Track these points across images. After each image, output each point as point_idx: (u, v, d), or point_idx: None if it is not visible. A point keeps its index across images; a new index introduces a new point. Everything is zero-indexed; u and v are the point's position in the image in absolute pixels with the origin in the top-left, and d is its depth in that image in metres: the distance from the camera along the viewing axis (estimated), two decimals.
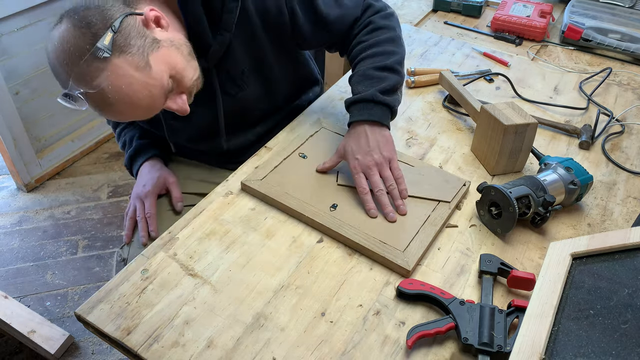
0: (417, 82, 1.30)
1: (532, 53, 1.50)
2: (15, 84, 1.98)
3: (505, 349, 0.70)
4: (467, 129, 1.17)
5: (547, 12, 1.59)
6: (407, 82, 1.30)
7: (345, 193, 0.95)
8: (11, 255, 1.92)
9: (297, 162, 1.01)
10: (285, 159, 1.02)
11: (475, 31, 1.60)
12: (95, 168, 2.32)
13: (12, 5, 1.86)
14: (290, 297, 0.79)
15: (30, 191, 2.19)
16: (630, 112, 1.25)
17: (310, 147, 1.05)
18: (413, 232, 0.88)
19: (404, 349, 0.73)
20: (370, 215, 0.90)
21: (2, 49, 1.90)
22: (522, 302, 0.75)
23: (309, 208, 0.91)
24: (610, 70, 1.35)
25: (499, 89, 1.31)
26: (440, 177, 1.00)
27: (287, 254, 0.86)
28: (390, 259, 0.83)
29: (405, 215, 0.91)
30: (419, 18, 1.67)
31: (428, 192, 0.96)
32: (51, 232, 2.01)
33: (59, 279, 1.84)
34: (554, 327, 0.68)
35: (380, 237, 0.86)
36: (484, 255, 0.83)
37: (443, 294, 0.78)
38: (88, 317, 0.75)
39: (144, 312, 0.76)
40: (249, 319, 0.76)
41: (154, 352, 0.71)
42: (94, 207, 2.13)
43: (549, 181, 0.92)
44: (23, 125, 2.05)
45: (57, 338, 1.58)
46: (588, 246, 0.77)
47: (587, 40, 1.50)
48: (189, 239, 0.88)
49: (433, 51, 1.46)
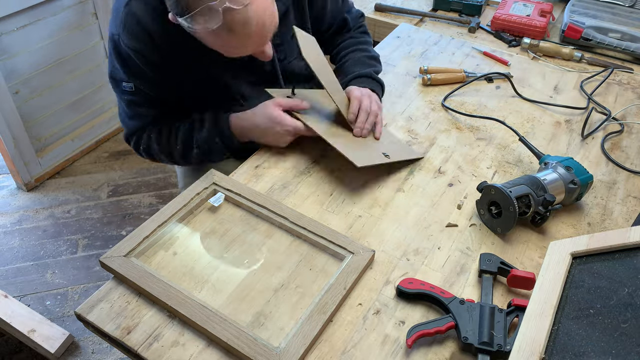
0: (433, 79, 1.31)
1: (532, 52, 1.50)
2: (15, 83, 1.98)
3: (505, 348, 0.70)
4: (467, 128, 1.17)
5: (547, 11, 1.59)
6: (423, 79, 1.31)
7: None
8: (11, 254, 1.92)
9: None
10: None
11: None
12: (95, 167, 2.32)
13: (12, 5, 1.85)
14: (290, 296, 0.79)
15: (30, 190, 2.19)
16: (630, 112, 1.25)
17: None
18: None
19: (403, 348, 0.73)
20: (355, 134, 1.06)
21: (2, 48, 1.90)
22: (522, 302, 0.75)
23: (175, 294, 0.76)
24: (612, 70, 1.35)
25: (499, 88, 1.31)
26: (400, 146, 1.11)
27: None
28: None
29: (378, 140, 1.07)
30: (418, 17, 1.66)
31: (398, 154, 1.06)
32: (51, 232, 2.01)
33: (59, 278, 1.84)
34: (554, 327, 0.68)
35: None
36: (483, 255, 0.83)
37: (443, 293, 0.78)
38: (88, 316, 0.75)
39: (144, 311, 0.76)
40: (249, 317, 0.76)
41: (154, 351, 0.71)
42: (94, 206, 2.13)
43: (549, 180, 0.92)
44: (23, 124, 2.05)
45: (57, 337, 1.58)
46: (588, 245, 0.78)
47: (587, 40, 1.50)
48: (189, 238, 0.88)
49: (433, 50, 1.46)
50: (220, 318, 0.73)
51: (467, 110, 1.22)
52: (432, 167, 1.06)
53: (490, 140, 1.14)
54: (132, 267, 0.79)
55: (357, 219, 0.93)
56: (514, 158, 1.09)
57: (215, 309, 0.74)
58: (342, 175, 1.02)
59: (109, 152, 2.40)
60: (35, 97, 2.08)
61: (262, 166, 1.04)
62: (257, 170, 1.03)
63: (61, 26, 2.06)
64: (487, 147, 1.12)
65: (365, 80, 1.16)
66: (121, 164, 2.34)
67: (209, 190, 0.94)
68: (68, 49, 2.12)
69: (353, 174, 1.02)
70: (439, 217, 0.94)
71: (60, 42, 2.08)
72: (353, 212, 0.95)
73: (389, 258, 0.86)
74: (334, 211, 0.94)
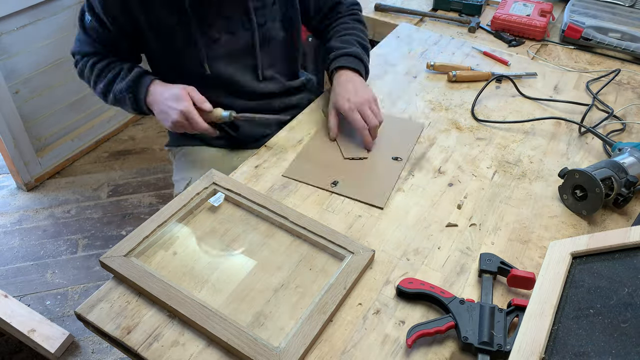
0: (458, 76, 1.31)
1: (532, 52, 1.50)
2: (15, 83, 1.98)
3: (505, 348, 0.70)
4: (467, 128, 1.17)
5: (547, 11, 1.59)
6: (449, 75, 1.31)
7: (350, 167, 1.05)
8: (11, 254, 1.92)
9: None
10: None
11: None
12: (95, 167, 2.32)
13: (12, 4, 1.86)
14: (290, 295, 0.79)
15: (30, 190, 2.19)
16: (630, 112, 1.25)
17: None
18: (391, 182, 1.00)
19: (403, 348, 0.73)
20: (367, 148, 1.08)
21: (2, 48, 1.90)
22: (522, 301, 0.75)
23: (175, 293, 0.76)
24: (618, 71, 1.35)
25: (499, 88, 1.31)
26: (399, 125, 1.16)
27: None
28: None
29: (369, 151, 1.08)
30: (418, 17, 1.66)
31: (395, 143, 1.10)
32: (51, 231, 2.01)
33: (59, 278, 1.84)
34: (554, 326, 0.68)
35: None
36: (483, 254, 0.83)
37: (443, 293, 0.78)
38: (88, 316, 0.75)
39: (144, 311, 0.76)
40: (249, 317, 0.76)
41: (154, 351, 0.71)
42: (93, 206, 2.13)
43: (629, 163, 0.97)
44: (23, 124, 2.05)
45: (57, 337, 1.58)
46: (588, 245, 0.78)
47: (587, 40, 1.50)
48: (188, 238, 0.88)
49: (433, 50, 1.46)
50: (220, 318, 0.73)
51: (469, 110, 1.22)
52: (432, 167, 1.06)
53: (490, 140, 1.14)
54: (132, 267, 0.79)
55: (357, 219, 0.93)
56: (514, 158, 1.09)
57: (215, 309, 0.74)
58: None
59: (108, 152, 2.40)
60: (35, 97, 2.08)
61: (262, 166, 1.04)
62: (257, 170, 1.03)
63: (61, 26, 2.06)
64: (487, 147, 1.12)
65: (351, 60, 1.15)
66: (121, 164, 2.34)
67: (209, 190, 0.94)
68: (68, 49, 2.10)
69: (354, 174, 1.02)
70: (438, 217, 0.94)
71: (61, 42, 2.08)
72: (353, 212, 0.95)
73: (389, 258, 0.86)
74: (334, 211, 0.95)
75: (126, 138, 2.49)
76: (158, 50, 1.13)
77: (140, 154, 2.40)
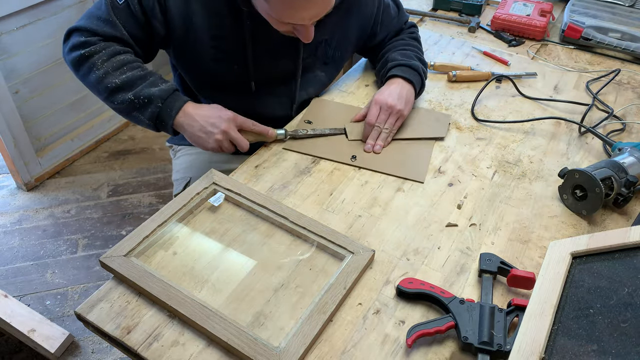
0: (458, 76, 1.32)
1: (532, 52, 1.50)
2: (15, 82, 1.98)
3: (505, 348, 0.70)
4: (467, 128, 1.17)
5: (547, 11, 1.59)
6: (449, 75, 1.31)
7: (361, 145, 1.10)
8: (11, 254, 1.92)
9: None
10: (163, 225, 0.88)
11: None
12: (95, 167, 2.32)
13: (12, 4, 1.86)
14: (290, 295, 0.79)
15: (30, 190, 2.19)
16: (630, 111, 1.25)
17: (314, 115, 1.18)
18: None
19: (403, 347, 0.73)
20: (365, 149, 1.08)
21: (2, 47, 1.90)
22: (522, 301, 0.75)
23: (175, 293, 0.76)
24: (618, 71, 1.35)
25: (498, 88, 1.31)
26: (430, 116, 1.18)
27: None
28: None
29: (378, 153, 1.08)
30: (418, 17, 1.66)
31: (425, 132, 1.13)
32: (51, 231, 2.01)
33: (59, 278, 1.84)
34: (554, 326, 0.68)
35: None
36: (483, 254, 0.83)
37: (443, 292, 0.78)
38: (88, 316, 0.75)
39: (144, 310, 0.76)
40: (249, 317, 0.76)
41: (154, 351, 0.71)
42: (93, 206, 2.13)
43: (628, 163, 0.96)
44: (23, 124, 2.05)
45: (57, 337, 1.58)
46: (588, 245, 0.78)
47: (587, 39, 1.50)
48: (188, 238, 0.88)
49: (433, 50, 1.46)
50: (220, 318, 0.73)
51: (469, 110, 1.22)
52: (432, 167, 1.06)
53: (490, 140, 1.14)
54: (132, 267, 0.79)
55: (357, 219, 0.93)
56: (514, 158, 1.09)
57: (215, 309, 0.74)
58: (342, 175, 1.02)
59: (108, 152, 2.40)
60: (35, 97, 2.08)
61: (262, 166, 1.04)
62: (257, 170, 1.03)
63: (61, 26, 2.06)
64: (487, 147, 1.12)
65: (408, 70, 1.16)
66: (121, 163, 2.34)
67: (209, 190, 0.94)
68: None
69: (353, 174, 1.02)
70: (438, 216, 0.94)
71: (61, 42, 2.08)
72: (353, 212, 0.95)
73: (389, 258, 0.86)
74: (334, 211, 0.95)
75: (126, 138, 2.49)
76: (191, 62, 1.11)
77: (140, 154, 2.40)
